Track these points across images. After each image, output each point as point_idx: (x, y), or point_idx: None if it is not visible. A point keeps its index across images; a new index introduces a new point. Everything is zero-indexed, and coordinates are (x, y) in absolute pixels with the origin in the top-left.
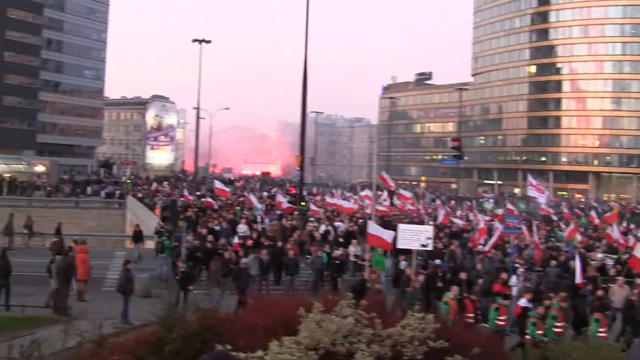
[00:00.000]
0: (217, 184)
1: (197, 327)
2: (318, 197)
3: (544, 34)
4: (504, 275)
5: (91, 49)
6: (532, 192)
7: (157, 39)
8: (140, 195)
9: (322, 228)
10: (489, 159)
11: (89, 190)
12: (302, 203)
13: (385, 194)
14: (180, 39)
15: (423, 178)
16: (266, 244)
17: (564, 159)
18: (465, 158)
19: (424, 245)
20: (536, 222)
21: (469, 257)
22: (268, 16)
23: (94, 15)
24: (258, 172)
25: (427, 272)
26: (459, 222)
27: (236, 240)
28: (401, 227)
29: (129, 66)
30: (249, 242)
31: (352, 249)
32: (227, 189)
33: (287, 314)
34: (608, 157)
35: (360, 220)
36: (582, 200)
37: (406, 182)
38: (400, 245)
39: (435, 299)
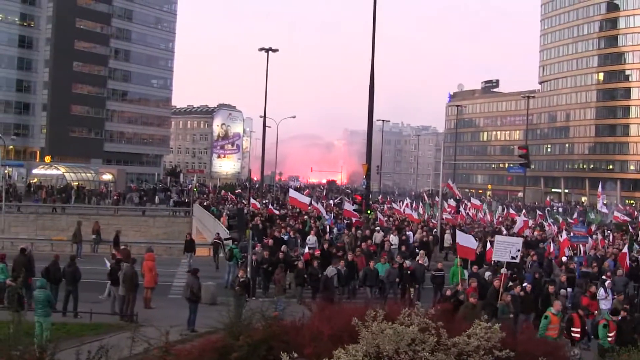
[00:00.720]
0: (292, 194)
1: (263, 334)
2: (386, 207)
3: (612, 40)
4: (592, 289)
5: (158, 58)
6: (601, 204)
7: (224, 47)
8: (205, 203)
9: (394, 239)
10: (556, 167)
11: (156, 199)
12: (369, 211)
13: (451, 202)
14: (247, 47)
15: (489, 186)
16: (339, 254)
17: (631, 167)
18: (532, 166)
19: (513, 258)
20: (609, 231)
21: (536, 266)
22: (335, 25)
23: (161, 25)
24: (324, 181)
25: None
26: (533, 232)
27: (306, 250)
28: (498, 238)
29: (196, 75)
30: (317, 253)
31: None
32: (304, 200)
33: (352, 322)
34: None
35: (435, 230)
36: None
37: (472, 190)
38: (495, 257)
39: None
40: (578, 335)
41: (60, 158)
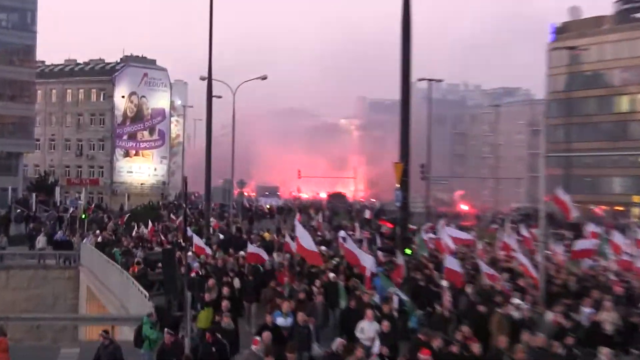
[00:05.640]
0: (196, 240)
1: None
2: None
3: None
4: None
5: None
6: None
7: None
8: (99, 240)
9: None
10: None
11: (40, 241)
12: (407, 250)
13: None
14: None
15: None
16: None
17: None
18: None
19: None
20: None
21: None
22: None
23: None
24: (324, 195)
25: None
26: None
27: None
28: None
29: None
30: None
31: None
32: (206, 248)
33: None
34: None
35: None
36: None
37: None
38: None
39: None
40: None
41: None
